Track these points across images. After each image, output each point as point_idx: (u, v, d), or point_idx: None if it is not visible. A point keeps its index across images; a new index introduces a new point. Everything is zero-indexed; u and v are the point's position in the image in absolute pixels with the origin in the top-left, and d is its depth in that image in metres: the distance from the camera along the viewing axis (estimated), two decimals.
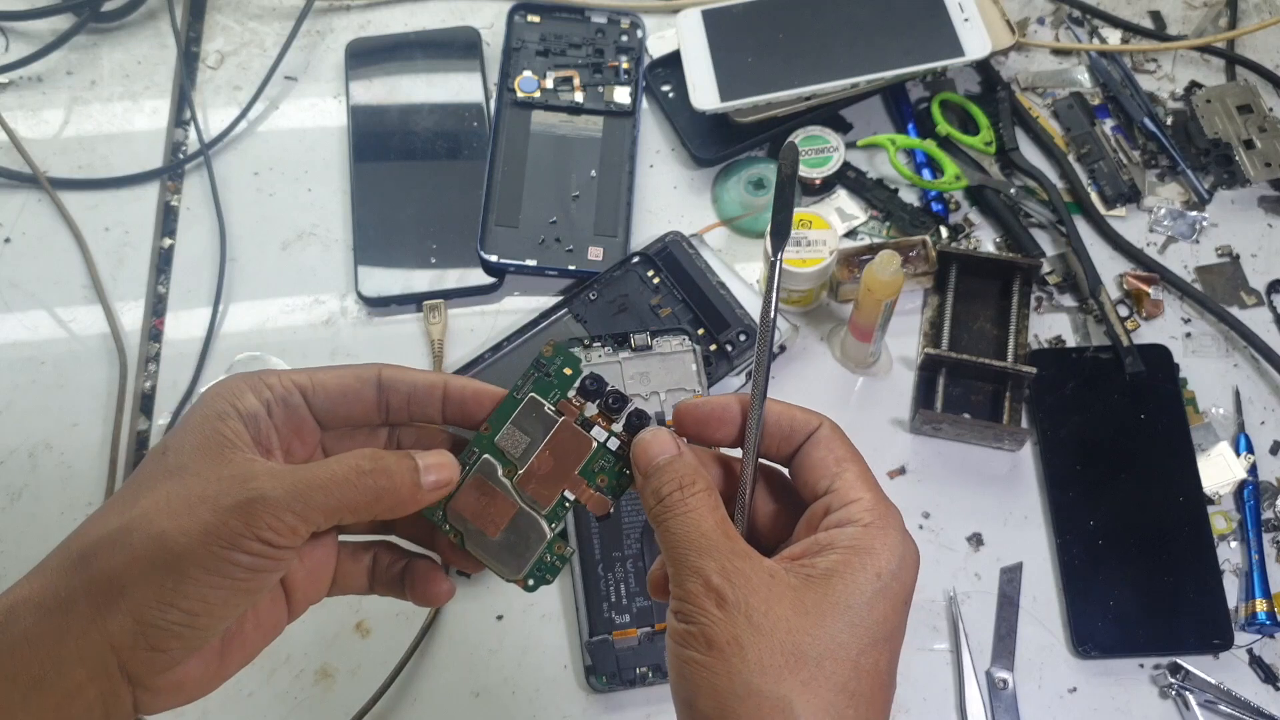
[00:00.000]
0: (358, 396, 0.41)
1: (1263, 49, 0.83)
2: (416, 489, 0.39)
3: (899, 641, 0.37)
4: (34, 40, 0.84)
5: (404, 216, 0.76)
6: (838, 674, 0.35)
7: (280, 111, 0.82)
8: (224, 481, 0.35)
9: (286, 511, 0.35)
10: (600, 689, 0.63)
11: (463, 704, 0.64)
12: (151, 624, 0.35)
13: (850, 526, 0.37)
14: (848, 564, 0.36)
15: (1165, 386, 0.70)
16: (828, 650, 0.35)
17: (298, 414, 0.40)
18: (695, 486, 0.38)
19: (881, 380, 0.72)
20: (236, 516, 0.35)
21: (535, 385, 0.42)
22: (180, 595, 0.35)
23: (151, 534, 0.35)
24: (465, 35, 0.83)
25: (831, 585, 0.36)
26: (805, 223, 0.69)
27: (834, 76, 0.75)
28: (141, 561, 0.35)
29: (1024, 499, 0.68)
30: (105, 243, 0.77)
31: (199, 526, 0.35)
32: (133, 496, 0.36)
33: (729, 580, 0.35)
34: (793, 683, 0.34)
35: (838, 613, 0.35)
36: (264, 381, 0.39)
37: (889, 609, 0.36)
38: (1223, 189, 0.77)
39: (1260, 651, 0.64)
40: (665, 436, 0.40)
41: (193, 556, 0.34)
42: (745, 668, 0.34)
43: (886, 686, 0.36)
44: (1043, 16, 0.85)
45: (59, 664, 0.34)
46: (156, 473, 0.37)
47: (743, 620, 0.35)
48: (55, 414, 0.72)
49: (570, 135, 0.78)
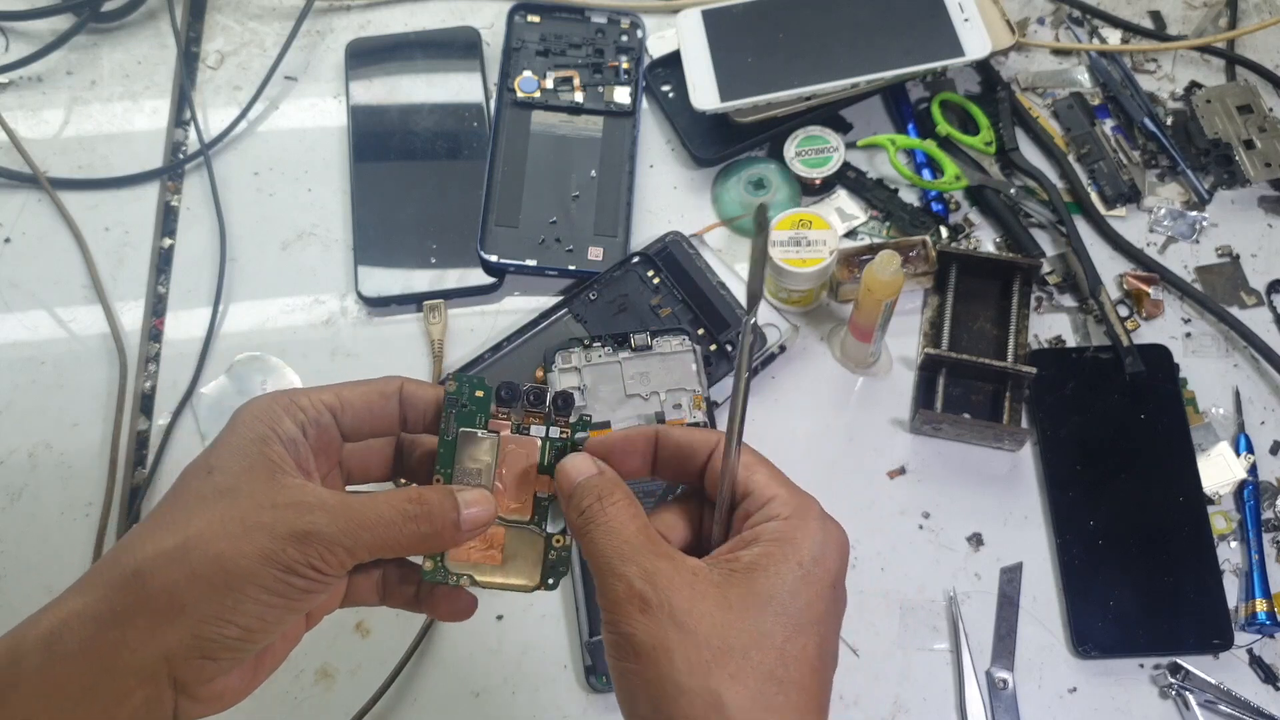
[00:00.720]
0: (382, 412, 0.43)
1: (1263, 49, 0.83)
2: (456, 531, 0.40)
3: (830, 625, 0.38)
4: (34, 40, 0.84)
5: (404, 216, 0.76)
6: (765, 663, 0.36)
7: (280, 111, 0.82)
8: (279, 510, 0.37)
9: (338, 546, 0.38)
10: (600, 689, 0.63)
11: (463, 704, 0.64)
12: (209, 639, 0.36)
13: (770, 522, 0.38)
14: (769, 556, 0.37)
15: (1165, 386, 0.70)
16: (753, 641, 0.36)
17: (328, 433, 0.42)
18: (614, 497, 0.39)
19: (881, 380, 0.72)
20: (293, 545, 0.37)
21: (459, 420, 0.43)
22: (238, 613, 0.36)
23: (210, 555, 0.36)
24: (465, 35, 0.83)
25: (754, 578, 0.37)
26: (805, 223, 0.69)
27: (834, 76, 0.75)
28: (201, 581, 0.36)
29: (1024, 499, 0.68)
30: (105, 243, 0.77)
31: (257, 551, 0.36)
32: (184, 515, 0.38)
33: (651, 583, 0.36)
34: (720, 676, 0.35)
35: (761, 604, 0.36)
36: (296, 404, 0.41)
37: (813, 595, 0.37)
38: (1223, 189, 0.77)
39: (1260, 651, 0.64)
40: (582, 458, 0.41)
41: (251, 578, 0.36)
42: (674, 670, 0.35)
43: (818, 670, 0.37)
44: (1043, 16, 0.85)
45: (111, 674, 0.36)
46: (206, 492, 0.38)
47: (667, 621, 0.36)
48: (55, 414, 0.72)
49: (570, 135, 0.78)
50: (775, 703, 0.35)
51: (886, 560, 0.66)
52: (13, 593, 0.67)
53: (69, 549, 0.68)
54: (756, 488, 0.40)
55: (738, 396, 0.40)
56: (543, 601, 0.66)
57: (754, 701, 0.35)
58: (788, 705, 0.36)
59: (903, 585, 0.66)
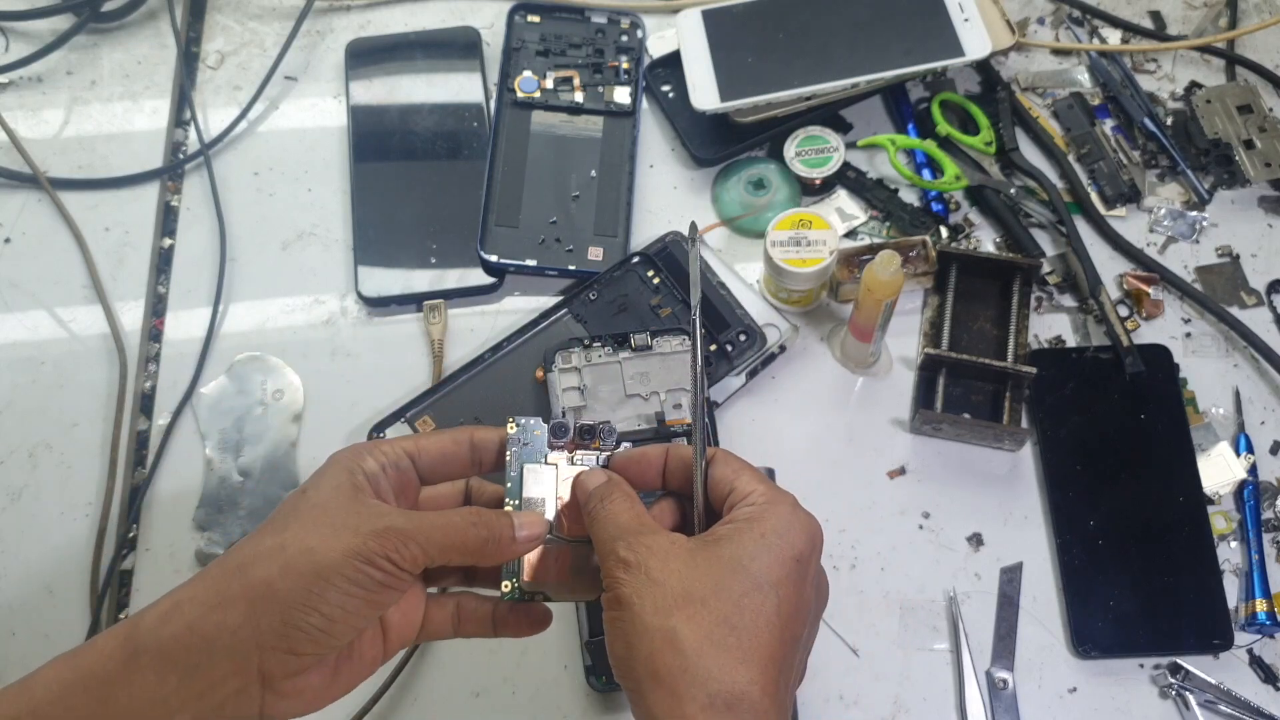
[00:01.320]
0: (455, 458, 0.50)
1: (1263, 49, 0.83)
2: (512, 541, 0.46)
3: (789, 591, 0.43)
4: (34, 40, 0.84)
5: (404, 216, 0.76)
6: (720, 609, 0.42)
7: (280, 111, 0.82)
8: (362, 515, 0.44)
9: (413, 542, 0.43)
10: (600, 689, 0.63)
11: (463, 704, 0.64)
12: (295, 625, 0.41)
13: (745, 508, 0.45)
14: (738, 530, 0.44)
15: (1165, 386, 0.70)
16: (712, 591, 0.42)
17: (406, 475, 0.48)
18: (613, 495, 0.46)
19: (881, 380, 0.72)
20: (374, 539, 0.42)
21: (522, 457, 0.50)
22: (323, 600, 0.41)
23: (303, 548, 0.42)
24: (465, 35, 0.83)
25: (720, 544, 0.44)
26: (805, 223, 0.69)
27: (834, 76, 0.75)
28: (293, 569, 0.42)
29: (1024, 499, 0.68)
30: (105, 243, 0.77)
31: (343, 545, 0.42)
32: (282, 524, 0.44)
33: (633, 551, 0.43)
34: (680, 617, 0.41)
35: (723, 563, 0.43)
36: (380, 449, 0.48)
37: (772, 561, 0.43)
38: (1223, 189, 0.77)
39: (1260, 651, 0.64)
40: (596, 471, 0.49)
41: (337, 568, 0.42)
42: (643, 611, 0.42)
43: (774, 626, 0.42)
44: (1043, 16, 0.85)
45: (211, 654, 0.41)
46: (301, 506, 0.44)
47: (642, 577, 0.42)
48: (55, 414, 0.72)
49: (570, 135, 0.78)
50: (727, 642, 0.41)
51: (886, 560, 0.66)
52: (13, 593, 0.67)
53: (69, 549, 0.68)
54: (740, 486, 0.46)
55: (698, 407, 0.48)
56: None
57: (706, 638, 0.41)
58: (738, 646, 0.41)
59: (903, 585, 0.66)
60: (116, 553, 0.68)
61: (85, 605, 0.66)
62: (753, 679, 0.41)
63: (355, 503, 0.45)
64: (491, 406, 0.69)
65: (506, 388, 0.70)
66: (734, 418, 0.70)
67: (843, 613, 0.65)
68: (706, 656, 0.41)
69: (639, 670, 0.42)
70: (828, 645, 0.64)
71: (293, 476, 0.70)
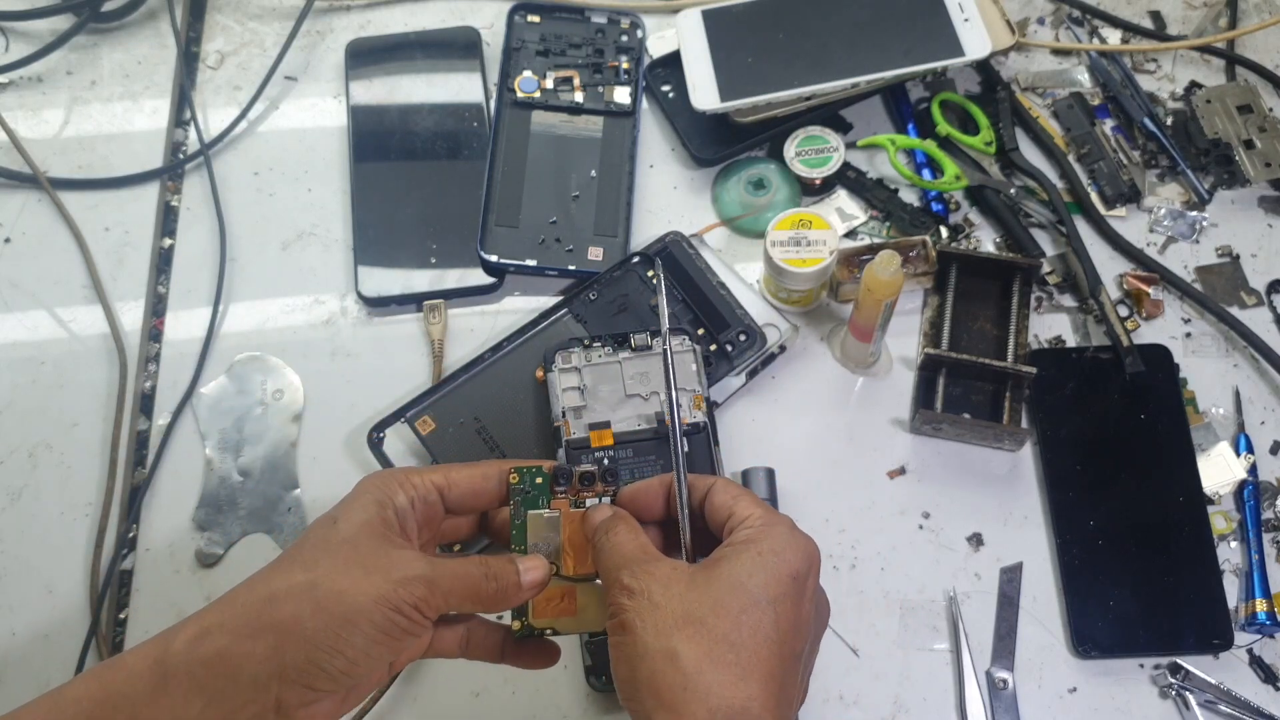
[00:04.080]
0: (484, 491, 0.51)
1: (1263, 49, 0.83)
2: (519, 588, 0.48)
3: (787, 608, 0.44)
4: (34, 40, 0.84)
5: (404, 216, 0.76)
6: (719, 627, 0.42)
7: (280, 111, 0.82)
8: (393, 559, 0.45)
9: (436, 593, 0.45)
10: (600, 689, 0.63)
11: (463, 704, 0.64)
12: (318, 664, 0.43)
13: (743, 530, 0.46)
14: (735, 551, 0.45)
15: (1165, 386, 0.70)
16: (711, 610, 0.43)
17: (434, 509, 0.50)
18: (618, 527, 0.48)
19: (881, 380, 0.72)
20: (403, 588, 0.44)
21: (525, 504, 0.51)
22: (348, 644, 0.43)
23: (335, 590, 0.43)
24: (465, 35, 0.83)
25: (719, 566, 0.45)
26: (805, 223, 0.69)
27: (834, 76, 0.75)
28: (324, 612, 0.43)
29: (1024, 499, 0.68)
30: (105, 243, 0.77)
31: (375, 591, 0.44)
32: (313, 558, 0.45)
33: (636, 578, 0.45)
34: (680, 637, 0.42)
35: (722, 582, 0.44)
36: (410, 480, 0.49)
37: (769, 579, 0.44)
38: (1223, 189, 0.77)
39: (1260, 651, 0.64)
40: (602, 507, 0.50)
41: (366, 613, 0.43)
42: (645, 634, 0.43)
43: (773, 642, 0.43)
44: (1043, 16, 0.85)
45: (237, 682, 0.42)
46: (332, 540, 0.46)
47: (645, 603, 0.44)
48: (55, 414, 0.72)
49: (570, 135, 0.78)
50: (726, 659, 0.42)
51: (886, 560, 0.66)
52: (13, 593, 0.67)
53: (69, 549, 0.68)
54: (738, 510, 0.47)
55: (676, 440, 0.51)
56: None
57: (706, 656, 0.42)
58: (736, 664, 0.42)
59: (903, 585, 0.66)
60: (116, 553, 0.68)
61: (85, 605, 0.66)
62: (752, 695, 0.42)
63: (385, 543, 0.46)
64: (491, 406, 0.69)
65: (506, 388, 0.70)
66: (734, 418, 0.70)
67: (843, 613, 0.65)
68: (706, 674, 0.41)
69: (642, 692, 0.42)
70: (828, 645, 0.64)
71: (292, 476, 0.70)
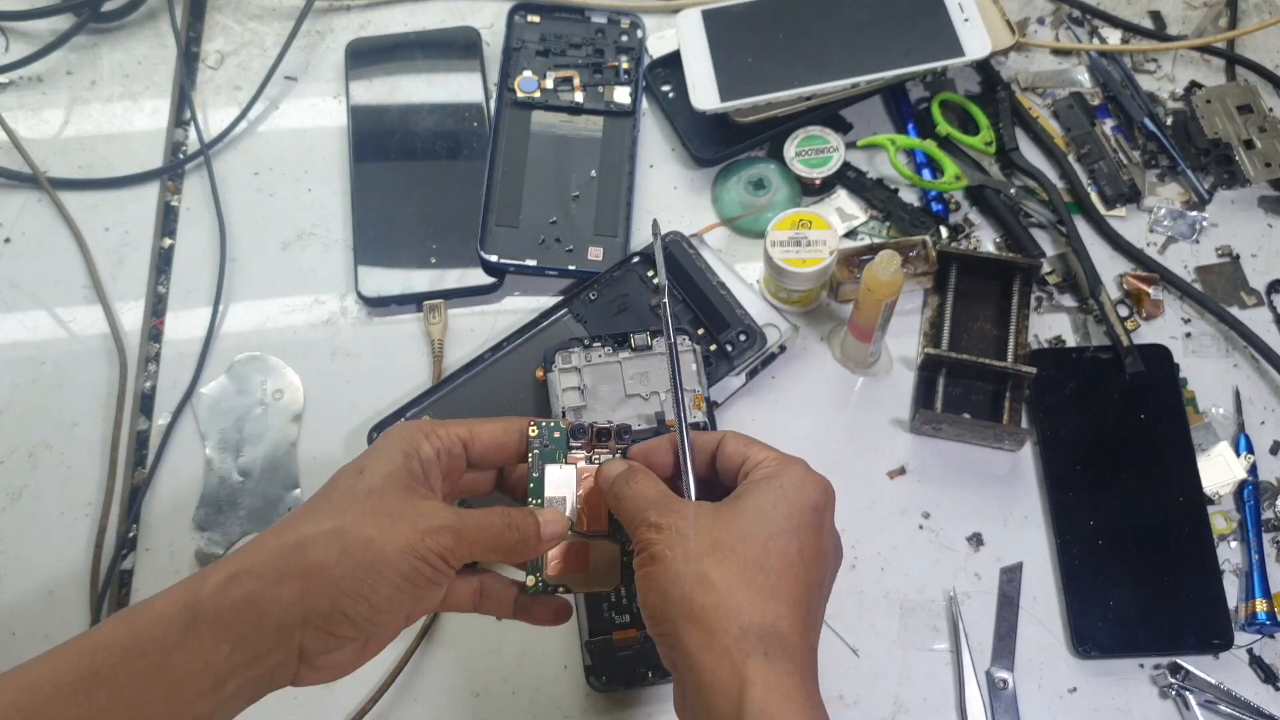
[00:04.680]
0: (506, 445, 0.52)
1: (1263, 49, 0.83)
2: (539, 539, 0.50)
3: (810, 536, 0.46)
4: (34, 40, 0.84)
5: (404, 216, 0.76)
6: (748, 552, 0.45)
7: (280, 111, 0.82)
8: (419, 510, 0.46)
9: (461, 543, 0.46)
10: (600, 689, 0.63)
11: (463, 704, 0.64)
12: (343, 610, 0.43)
13: (761, 470, 0.48)
14: (757, 486, 0.47)
15: (1165, 386, 0.70)
16: (739, 538, 0.45)
17: (458, 461, 0.51)
18: (638, 476, 0.50)
19: (881, 380, 0.72)
20: (430, 537, 0.45)
21: (543, 458, 0.53)
22: (374, 591, 0.44)
23: (362, 538, 0.44)
24: (465, 35, 0.83)
25: (742, 499, 0.47)
26: (805, 223, 0.69)
27: (834, 76, 0.75)
28: (351, 559, 0.44)
29: (1024, 499, 0.68)
30: (105, 243, 0.77)
31: (401, 539, 0.44)
32: (341, 506, 0.46)
33: (663, 515, 0.47)
34: (710, 562, 0.44)
35: (747, 514, 0.46)
36: (435, 432, 0.50)
37: (792, 509, 0.46)
38: (1223, 189, 0.77)
39: (1260, 651, 0.64)
40: (616, 461, 0.52)
41: (392, 561, 0.44)
42: (675, 562, 0.45)
43: (797, 567, 0.45)
44: (1043, 16, 0.85)
45: (262, 627, 0.43)
46: (359, 489, 0.46)
47: (674, 534, 0.46)
48: (55, 414, 0.72)
49: (570, 135, 0.78)
50: (756, 581, 0.44)
51: (886, 560, 0.66)
52: (13, 593, 0.67)
53: (69, 549, 0.68)
54: (753, 455, 0.49)
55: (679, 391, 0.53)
56: None
57: (737, 577, 0.44)
58: (766, 585, 0.44)
59: (903, 585, 0.66)
60: (116, 553, 0.68)
61: (85, 605, 0.66)
62: (781, 614, 0.44)
63: (411, 493, 0.47)
64: (492, 407, 0.69)
65: (506, 388, 0.70)
66: (734, 418, 0.70)
67: (843, 613, 0.65)
68: (738, 593, 0.43)
69: (674, 613, 0.44)
70: (828, 645, 0.64)
71: (293, 476, 0.70)
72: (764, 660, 0.42)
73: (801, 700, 0.43)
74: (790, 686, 0.42)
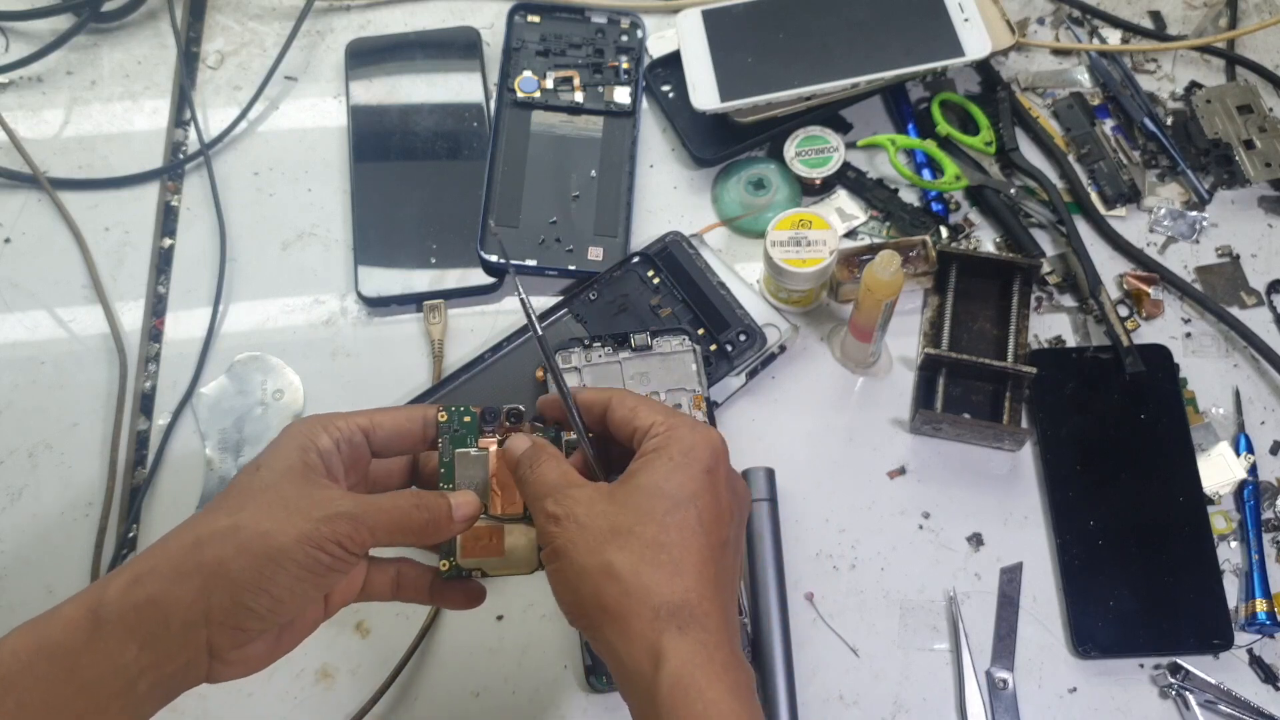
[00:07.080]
0: (408, 434, 0.52)
1: (1263, 49, 0.83)
2: (450, 521, 0.49)
3: (707, 501, 0.46)
4: (34, 40, 0.84)
5: (404, 216, 0.76)
6: (647, 533, 0.45)
7: (280, 111, 0.82)
8: (314, 499, 0.46)
9: (363, 526, 0.45)
10: (600, 689, 0.63)
11: (463, 704, 0.64)
12: (244, 604, 0.43)
13: (650, 440, 0.48)
14: (648, 461, 0.47)
15: (1165, 386, 0.70)
16: (636, 519, 0.45)
17: (359, 450, 0.50)
18: (540, 457, 0.49)
19: (881, 380, 0.72)
20: (325, 525, 0.44)
21: (453, 443, 0.52)
22: (273, 583, 0.43)
23: (258, 531, 0.44)
24: (465, 35, 0.83)
25: (636, 478, 0.47)
26: (805, 223, 0.69)
27: (834, 76, 0.75)
28: (248, 552, 0.43)
29: (1024, 499, 0.68)
30: (105, 243, 0.77)
31: (296, 530, 0.44)
32: (237, 503, 0.45)
33: (560, 505, 0.46)
34: (611, 549, 0.45)
35: (641, 492, 0.46)
36: (334, 424, 0.50)
37: (686, 478, 0.46)
38: (1223, 189, 0.77)
39: (1260, 651, 0.64)
40: (520, 437, 0.52)
41: (289, 552, 0.44)
42: (578, 556, 0.45)
43: (698, 535, 0.46)
44: (1043, 16, 0.85)
45: (167, 627, 0.43)
46: (254, 486, 0.46)
47: (572, 526, 0.46)
48: (55, 414, 0.72)
49: (570, 135, 0.78)
50: (660, 560, 0.44)
51: (886, 560, 0.66)
52: (13, 593, 0.67)
53: (69, 549, 0.68)
54: (641, 422, 0.49)
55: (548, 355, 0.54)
56: (543, 601, 0.66)
57: (640, 560, 0.44)
58: (669, 562, 0.44)
59: (903, 585, 0.66)
60: (116, 553, 0.68)
61: None
62: (689, 586, 0.44)
63: (307, 484, 0.47)
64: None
65: (506, 388, 0.70)
66: (734, 418, 0.70)
67: (843, 613, 0.65)
68: (644, 575, 0.44)
69: (588, 608, 0.45)
70: (828, 645, 0.64)
71: None
72: (677, 634, 0.43)
73: (719, 665, 0.43)
74: (705, 654, 0.43)
